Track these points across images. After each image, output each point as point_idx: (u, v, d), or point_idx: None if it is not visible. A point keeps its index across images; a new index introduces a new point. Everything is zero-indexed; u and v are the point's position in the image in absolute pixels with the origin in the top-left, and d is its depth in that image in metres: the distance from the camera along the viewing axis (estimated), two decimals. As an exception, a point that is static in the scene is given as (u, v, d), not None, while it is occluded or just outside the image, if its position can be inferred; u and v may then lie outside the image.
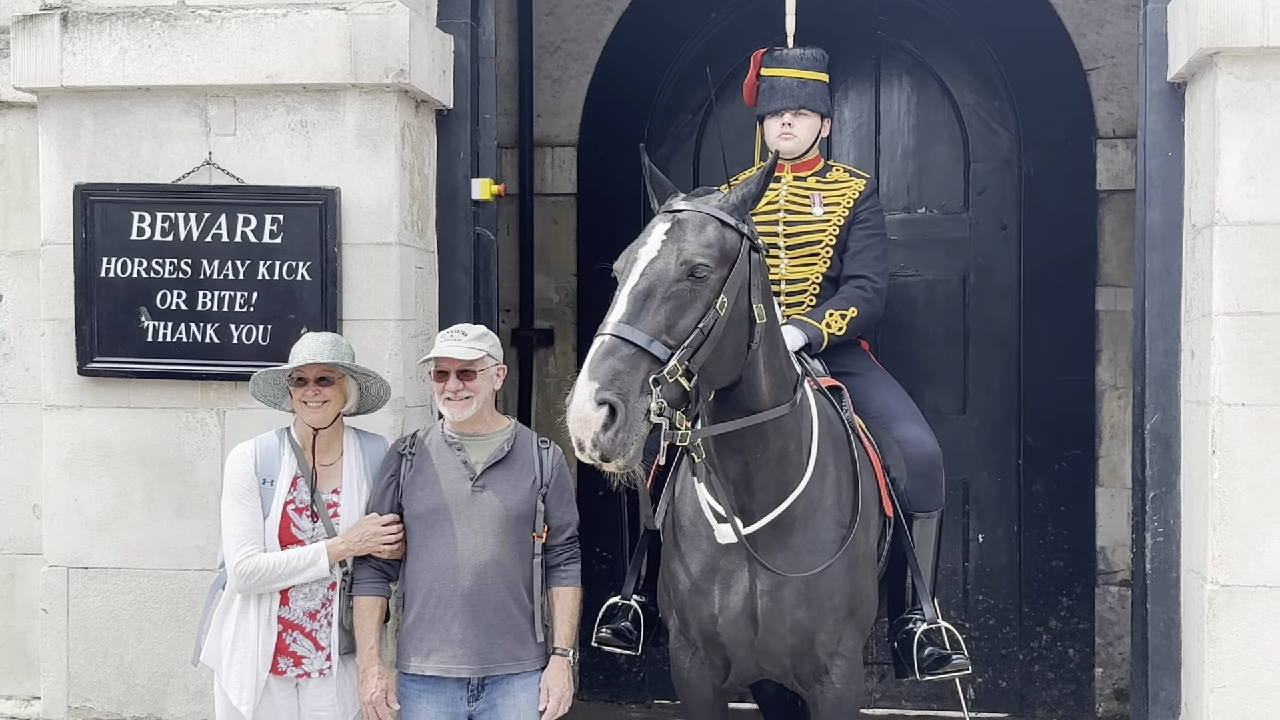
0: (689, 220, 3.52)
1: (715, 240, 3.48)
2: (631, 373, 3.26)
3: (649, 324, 3.33)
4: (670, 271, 3.40)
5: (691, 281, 3.41)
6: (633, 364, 3.27)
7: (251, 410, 4.37)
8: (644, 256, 3.45)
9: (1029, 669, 6.32)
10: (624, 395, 3.23)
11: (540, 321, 6.65)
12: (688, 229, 3.49)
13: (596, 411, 3.20)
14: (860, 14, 6.34)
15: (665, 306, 3.36)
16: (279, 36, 4.55)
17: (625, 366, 3.26)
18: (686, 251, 3.43)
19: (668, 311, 3.36)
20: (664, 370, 3.29)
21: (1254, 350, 4.18)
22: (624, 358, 3.27)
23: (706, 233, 3.49)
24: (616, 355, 3.27)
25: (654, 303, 3.36)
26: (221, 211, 4.58)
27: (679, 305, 3.38)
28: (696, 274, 3.42)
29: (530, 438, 4.11)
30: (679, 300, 3.38)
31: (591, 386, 3.22)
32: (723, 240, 3.50)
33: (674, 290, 3.39)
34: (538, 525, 3.99)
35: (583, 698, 6.49)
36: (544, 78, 6.64)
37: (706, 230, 3.49)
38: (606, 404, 3.21)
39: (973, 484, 6.33)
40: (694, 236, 3.47)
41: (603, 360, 3.26)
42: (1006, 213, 6.33)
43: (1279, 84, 4.19)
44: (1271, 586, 4.18)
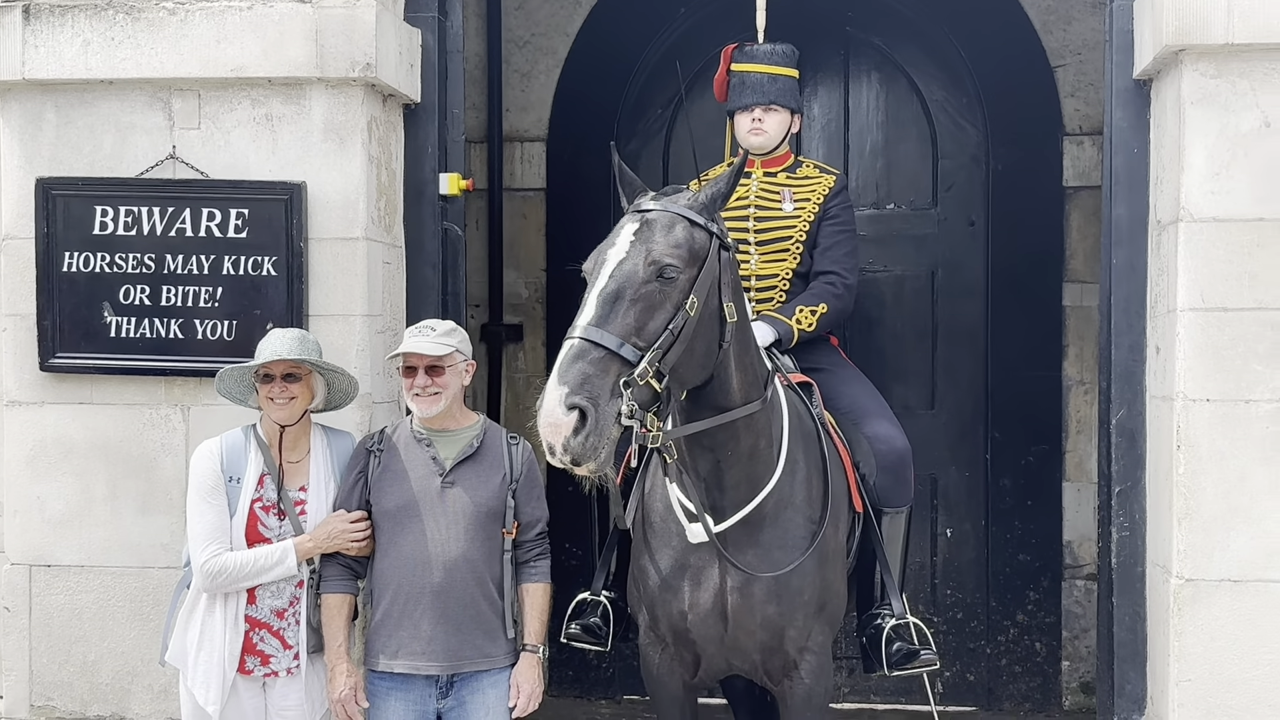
0: (657, 220, 3.50)
1: (684, 240, 3.47)
2: (601, 376, 3.25)
3: (618, 326, 3.32)
4: (639, 273, 3.39)
5: (660, 282, 3.40)
6: (602, 367, 3.26)
7: (216, 407, 4.33)
8: (612, 258, 3.44)
9: (996, 663, 6.35)
10: (594, 399, 3.22)
11: (509, 317, 6.63)
12: (656, 229, 3.48)
13: (567, 416, 3.19)
14: (829, 10, 6.35)
15: (634, 308, 3.35)
16: (244, 29, 4.51)
17: (595, 370, 3.25)
18: (655, 252, 3.42)
19: (637, 313, 3.35)
20: (634, 373, 3.29)
21: (1218, 346, 4.21)
22: (593, 361, 3.26)
23: (675, 233, 3.48)
24: (586, 359, 3.26)
25: (623, 304, 3.35)
26: (186, 206, 4.54)
27: (648, 306, 3.37)
28: (665, 275, 3.41)
29: (500, 433, 4.09)
30: (648, 301, 3.38)
31: (561, 391, 3.21)
32: (691, 240, 3.49)
33: (643, 291, 3.38)
34: (507, 521, 3.97)
35: (552, 693, 6.47)
36: (513, 72, 6.62)
37: (675, 230, 3.48)
38: (576, 408, 3.20)
39: (941, 479, 6.36)
40: (662, 237, 3.46)
41: (572, 364, 3.25)
42: (974, 209, 6.35)
43: (1244, 81, 4.22)
44: (1236, 581, 4.22)
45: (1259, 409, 4.20)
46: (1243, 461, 4.20)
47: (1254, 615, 4.20)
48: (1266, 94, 4.20)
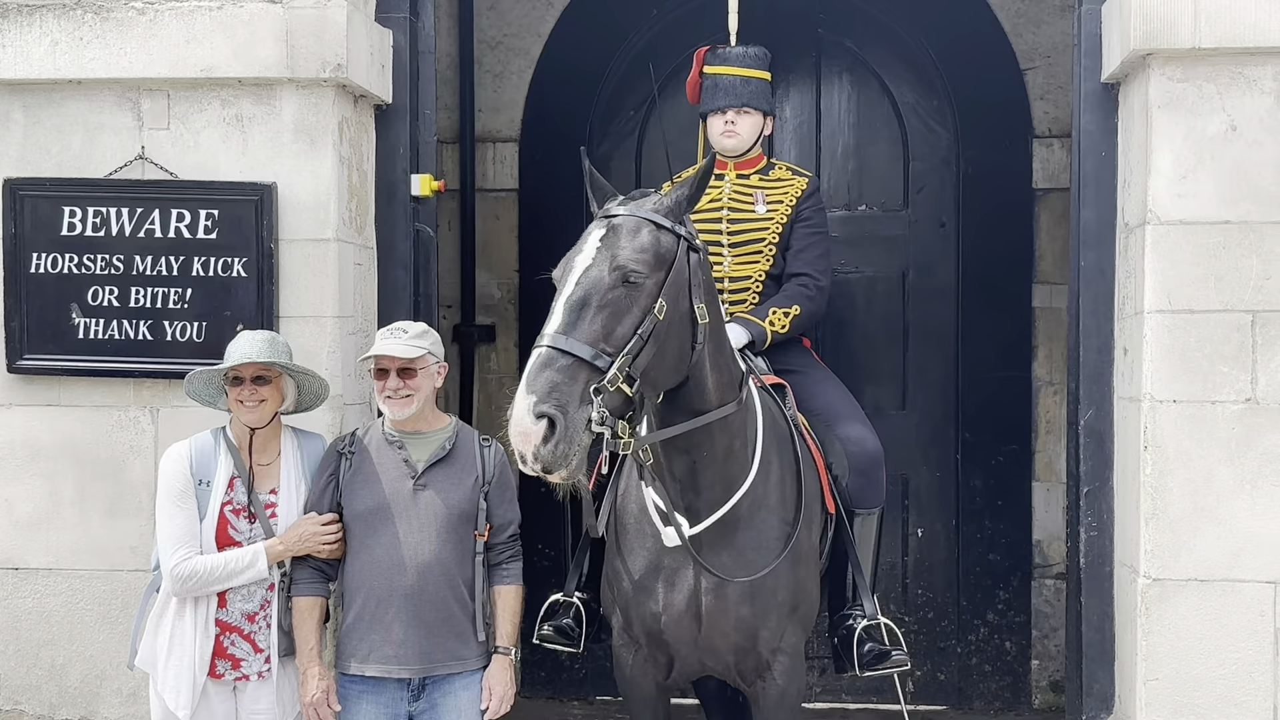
0: (623, 225, 3.51)
1: (649, 245, 3.48)
2: (570, 383, 3.26)
3: (585, 333, 3.33)
4: (604, 279, 3.40)
5: (626, 288, 3.40)
6: (571, 374, 3.27)
7: (186, 409, 4.31)
8: (579, 265, 3.45)
9: (967, 662, 6.38)
10: (563, 407, 3.23)
11: (482, 318, 6.62)
12: (622, 234, 3.48)
13: (536, 425, 3.21)
14: (801, 12, 6.37)
15: (601, 314, 3.36)
16: (214, 29, 4.49)
17: (563, 378, 3.26)
18: (620, 257, 3.43)
19: (604, 319, 3.36)
20: (604, 379, 3.30)
21: (1185, 348, 4.25)
22: (561, 369, 3.27)
23: (641, 237, 3.48)
24: (554, 367, 3.27)
25: (589, 311, 3.35)
26: (155, 207, 4.52)
27: (615, 312, 3.38)
28: (630, 280, 3.41)
29: (472, 435, 4.09)
30: (615, 307, 3.38)
31: (530, 400, 3.22)
32: (657, 244, 3.49)
33: (609, 298, 3.38)
34: (480, 524, 3.97)
35: (525, 695, 6.46)
36: (485, 73, 6.61)
37: (641, 235, 3.49)
38: (545, 417, 3.21)
39: (912, 479, 6.39)
40: (628, 242, 3.47)
41: (540, 372, 3.26)
42: (945, 210, 6.39)
43: (1210, 85, 4.25)
44: (1202, 580, 4.25)
45: (1225, 410, 4.24)
46: (1209, 462, 4.24)
47: (1220, 615, 4.24)
48: (1232, 98, 4.25)
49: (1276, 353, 4.22)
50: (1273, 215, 4.23)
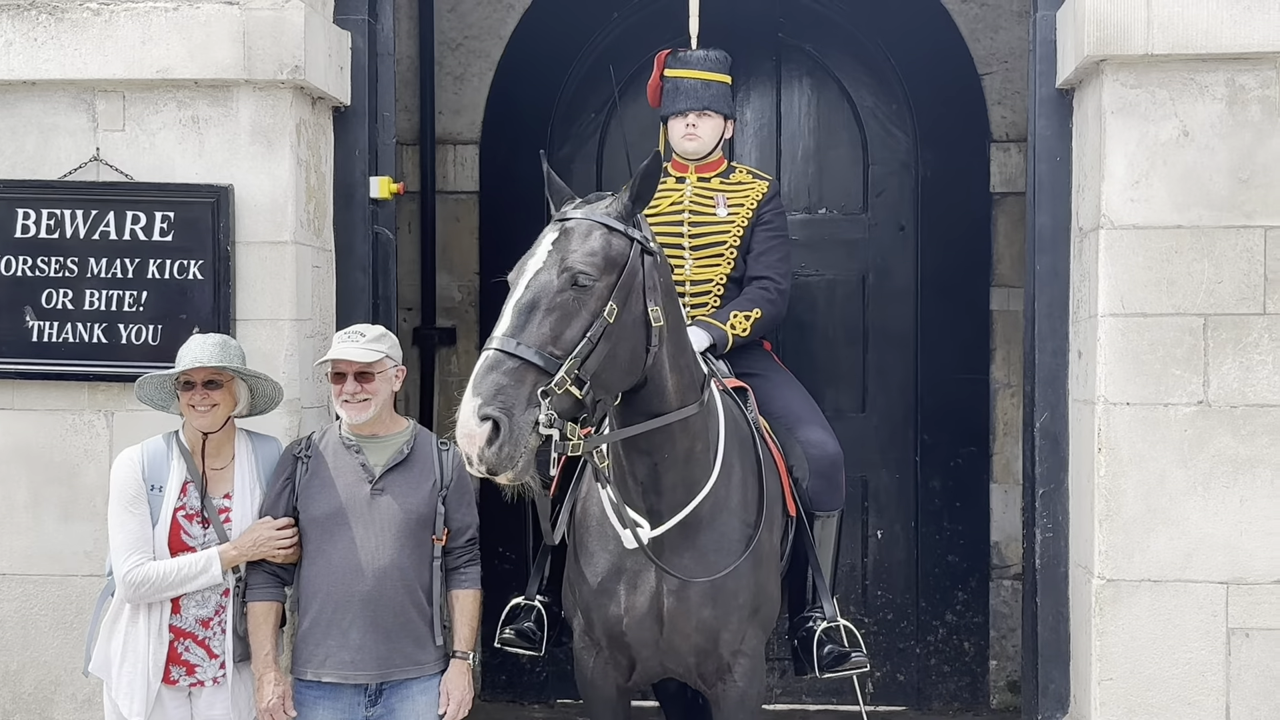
0: (576, 228, 3.52)
1: (600, 248, 3.49)
2: (516, 386, 3.27)
3: (533, 336, 3.34)
4: (554, 282, 3.41)
5: (575, 291, 3.41)
6: (517, 377, 3.28)
7: (141, 412, 4.28)
8: (530, 268, 3.46)
9: (926, 662, 6.42)
10: (508, 410, 3.24)
11: (442, 320, 6.61)
12: (573, 237, 3.50)
13: (480, 427, 3.22)
14: (761, 16, 6.39)
15: (550, 317, 3.37)
16: (170, 30, 4.46)
17: (509, 380, 3.27)
18: (569, 260, 3.44)
19: (553, 322, 3.37)
20: (551, 382, 3.30)
21: (1138, 351, 4.29)
22: (508, 371, 3.28)
23: (591, 240, 3.49)
24: (500, 369, 3.28)
25: (538, 314, 3.37)
26: (110, 209, 4.48)
27: (564, 315, 3.39)
28: (579, 283, 3.42)
29: (430, 439, 4.07)
30: (564, 310, 3.39)
31: (475, 402, 3.24)
32: (608, 247, 3.50)
33: (558, 301, 3.39)
34: (437, 528, 3.96)
35: (485, 698, 6.46)
36: (446, 75, 6.60)
37: (592, 238, 3.50)
38: (489, 419, 3.22)
39: (871, 481, 6.42)
40: (579, 245, 3.48)
41: (486, 375, 3.27)
42: (904, 214, 6.42)
43: (1163, 91, 4.30)
44: (1156, 581, 4.30)
45: (1178, 412, 4.29)
46: (1162, 464, 4.29)
47: (1173, 615, 4.29)
48: (1185, 104, 4.30)
49: (1228, 356, 4.27)
50: (1224, 220, 4.28)
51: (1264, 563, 4.27)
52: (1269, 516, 4.26)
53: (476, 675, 6.42)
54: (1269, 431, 4.26)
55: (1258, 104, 4.27)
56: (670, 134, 4.73)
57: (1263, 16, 4.21)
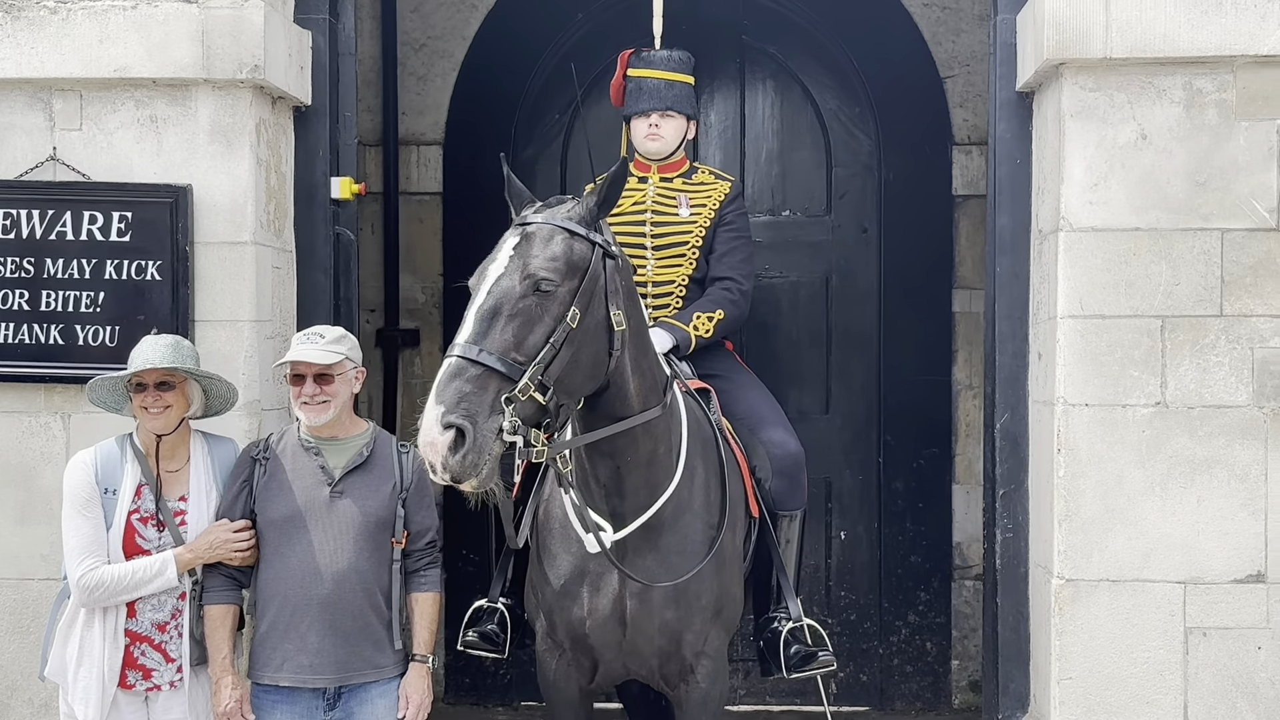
0: (537, 233, 3.51)
1: (562, 253, 3.47)
2: (479, 393, 3.26)
3: (496, 342, 3.32)
4: (515, 288, 3.40)
5: (538, 296, 3.40)
6: (480, 384, 3.27)
7: (98, 415, 4.23)
8: (492, 273, 3.44)
9: (888, 663, 6.44)
10: (471, 417, 3.23)
11: (406, 322, 6.58)
12: (535, 242, 3.48)
13: (443, 435, 3.21)
14: (725, 19, 6.40)
15: (512, 324, 3.36)
16: (128, 29, 4.43)
17: (472, 388, 3.26)
18: (531, 266, 3.43)
19: (515, 328, 3.36)
20: (515, 389, 3.29)
21: (1097, 352, 4.32)
22: (471, 378, 3.27)
23: (553, 245, 3.48)
24: (463, 377, 3.27)
25: (500, 320, 3.35)
26: (67, 208, 4.45)
27: (526, 321, 3.38)
28: (541, 288, 3.41)
29: (390, 441, 4.05)
30: (526, 316, 3.38)
31: (438, 410, 3.22)
32: (570, 252, 3.49)
33: (520, 307, 3.38)
34: (397, 531, 3.93)
35: (448, 701, 6.44)
36: (409, 75, 6.57)
37: (554, 243, 3.49)
38: (453, 427, 3.21)
39: (835, 482, 6.44)
40: (540, 250, 3.46)
41: (449, 382, 3.26)
42: (867, 216, 6.45)
43: (1122, 94, 4.34)
44: (1114, 581, 4.33)
45: (1136, 413, 4.32)
46: (1120, 464, 4.32)
47: (1131, 614, 4.32)
48: (1143, 107, 4.33)
49: (1185, 357, 4.31)
50: (1181, 223, 4.32)
51: (1220, 563, 4.31)
52: (1225, 517, 4.31)
53: (437, 678, 6.42)
54: (1225, 432, 4.30)
55: (1215, 107, 4.31)
56: (633, 134, 4.73)
57: (1219, 21, 4.26)
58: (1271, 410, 4.30)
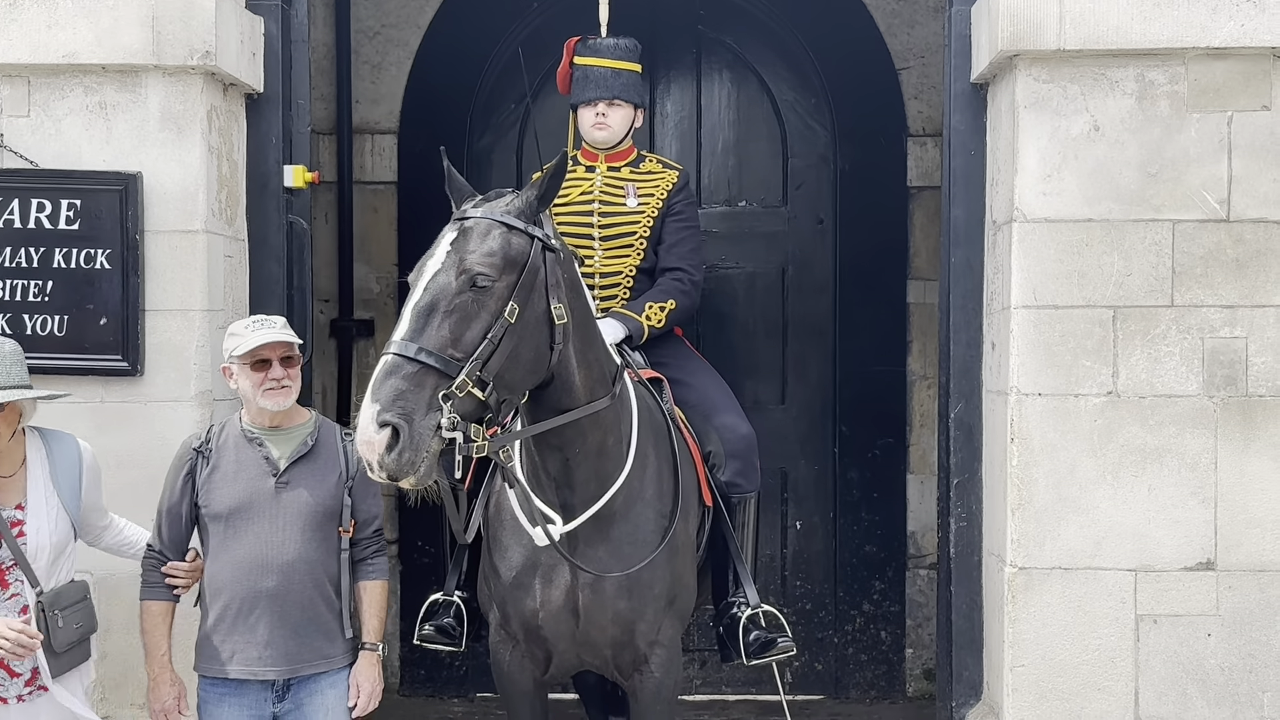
0: (474, 228, 3.48)
1: (499, 248, 3.45)
2: (416, 390, 3.24)
3: (432, 339, 3.30)
4: (452, 284, 3.37)
5: (474, 292, 3.38)
6: (417, 381, 3.25)
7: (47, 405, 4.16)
8: (429, 269, 3.42)
9: (843, 651, 6.48)
10: (407, 415, 3.21)
11: (360, 312, 6.53)
12: (472, 238, 3.45)
13: (379, 434, 3.19)
14: (681, 9, 6.39)
15: (449, 320, 3.33)
16: (76, 14, 4.36)
17: (409, 385, 3.24)
18: (467, 261, 3.40)
19: (452, 324, 3.33)
20: (452, 385, 3.27)
21: (1050, 342, 4.36)
22: (407, 376, 3.25)
23: (490, 240, 3.45)
24: (399, 374, 3.25)
25: (437, 317, 3.33)
26: (14, 196, 4.37)
27: (463, 317, 3.35)
28: (478, 284, 3.38)
29: (334, 430, 4.01)
30: (463, 312, 3.35)
31: (373, 409, 3.20)
32: (508, 247, 3.46)
33: (457, 303, 3.35)
34: (344, 520, 3.89)
35: (403, 693, 6.42)
36: (363, 63, 6.51)
37: (491, 238, 3.46)
38: (388, 425, 3.19)
39: (791, 472, 6.46)
40: (477, 245, 3.44)
41: (385, 380, 3.24)
42: (823, 207, 6.46)
43: (1075, 86, 4.37)
44: (1066, 569, 4.37)
45: (1088, 403, 4.36)
46: (1073, 454, 4.36)
47: (1083, 601, 4.36)
48: (1096, 99, 4.36)
49: (1136, 347, 4.35)
50: (1133, 214, 4.36)
51: (1171, 551, 4.35)
52: (1175, 505, 4.35)
53: (393, 670, 6.39)
54: (1176, 422, 4.35)
55: (1166, 99, 4.35)
56: (580, 122, 4.71)
57: (1172, 13, 4.29)
58: (1221, 400, 4.35)
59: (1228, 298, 4.34)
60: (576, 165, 4.66)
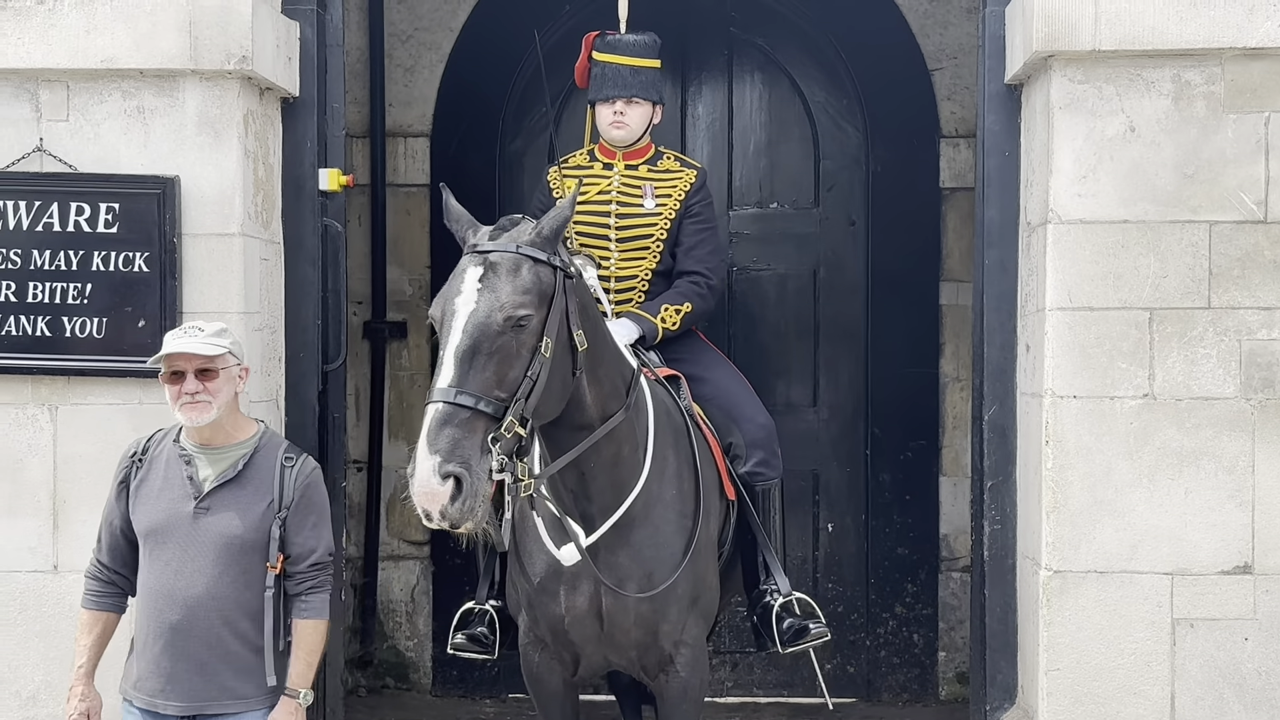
0: (501, 264, 3.45)
1: (532, 284, 3.44)
2: (470, 437, 3.26)
3: (478, 383, 3.31)
4: (492, 325, 3.36)
5: (515, 332, 3.38)
6: (469, 428, 3.27)
7: (86, 406, 4.24)
8: (462, 309, 3.39)
9: (876, 654, 6.46)
10: (466, 464, 3.24)
11: (393, 314, 6.56)
12: (502, 274, 3.43)
13: (443, 486, 3.20)
14: (712, 10, 6.40)
15: (492, 362, 3.34)
16: (115, 19, 4.40)
17: (463, 433, 3.26)
18: (504, 300, 3.39)
19: (495, 366, 3.34)
20: (500, 427, 3.31)
21: (1085, 344, 4.33)
22: (461, 423, 3.26)
23: (522, 277, 3.43)
24: (453, 423, 3.26)
25: (480, 360, 3.33)
26: (53, 200, 4.41)
27: (505, 358, 3.36)
28: (519, 324, 3.39)
29: (275, 451, 3.69)
30: (504, 353, 3.36)
31: (434, 461, 3.22)
32: (539, 282, 3.46)
33: (499, 344, 3.36)
34: (271, 554, 3.58)
35: (436, 693, 6.46)
36: (396, 66, 6.55)
37: (521, 274, 3.44)
38: (452, 476, 3.21)
39: (822, 474, 6.45)
40: (509, 282, 3.42)
41: (440, 430, 3.25)
42: (855, 209, 6.45)
43: (1110, 86, 4.34)
44: (1101, 572, 4.34)
45: (1123, 405, 4.33)
46: (1108, 456, 4.33)
47: (1119, 605, 4.33)
48: (1131, 99, 4.34)
49: (1172, 349, 4.33)
50: (1169, 215, 4.33)
51: (1208, 554, 4.32)
52: (1212, 508, 4.32)
53: (424, 669, 6.42)
54: (1213, 424, 4.32)
55: (1203, 100, 4.32)
56: (598, 120, 4.70)
57: (1208, 13, 4.26)
58: (1259, 402, 4.32)
59: (1265, 299, 4.31)
60: (594, 162, 4.68)
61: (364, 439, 6.49)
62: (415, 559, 6.55)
